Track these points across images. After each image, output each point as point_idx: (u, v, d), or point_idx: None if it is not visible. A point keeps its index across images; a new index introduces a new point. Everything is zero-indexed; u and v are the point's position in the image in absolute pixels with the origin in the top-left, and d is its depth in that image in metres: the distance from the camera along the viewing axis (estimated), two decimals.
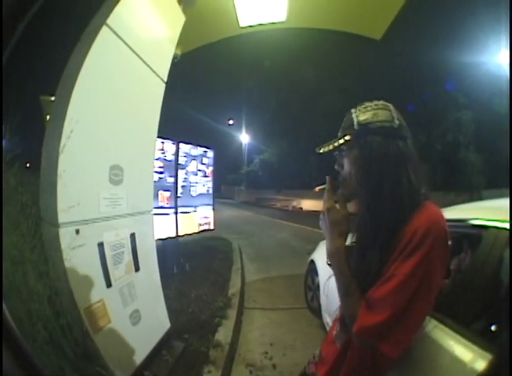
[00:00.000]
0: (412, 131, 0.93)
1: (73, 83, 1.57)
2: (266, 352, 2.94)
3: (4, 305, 0.72)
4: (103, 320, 1.73)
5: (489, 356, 0.92)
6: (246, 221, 13.74)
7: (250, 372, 2.62)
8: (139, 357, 2.04)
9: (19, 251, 1.51)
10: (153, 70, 2.26)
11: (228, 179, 31.61)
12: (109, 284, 1.79)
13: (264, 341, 3.17)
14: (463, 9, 14.20)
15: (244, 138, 30.47)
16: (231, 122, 31.54)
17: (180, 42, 2.65)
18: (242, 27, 3.68)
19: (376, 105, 0.93)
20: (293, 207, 19.97)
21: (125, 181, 1.98)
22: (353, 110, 0.96)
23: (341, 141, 0.94)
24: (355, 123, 0.93)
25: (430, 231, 0.76)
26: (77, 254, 1.57)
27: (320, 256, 3.65)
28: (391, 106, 0.93)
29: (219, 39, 4.02)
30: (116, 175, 1.89)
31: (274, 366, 2.74)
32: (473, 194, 13.37)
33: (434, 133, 15.08)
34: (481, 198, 12.38)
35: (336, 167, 1.02)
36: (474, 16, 13.27)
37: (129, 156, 2.04)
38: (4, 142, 1.79)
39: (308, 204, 19.17)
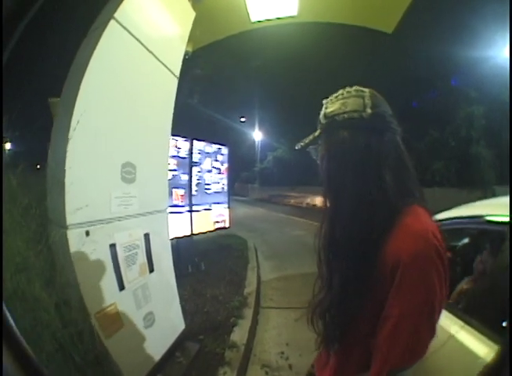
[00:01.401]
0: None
1: (80, 78, 1.51)
2: (282, 353, 2.88)
3: (4, 306, 0.69)
4: (116, 325, 1.67)
5: None
6: (260, 218, 13.66)
7: (266, 373, 2.57)
8: (153, 360, 1.99)
9: (23, 255, 1.45)
10: (164, 65, 2.19)
11: (241, 177, 31.52)
12: (121, 287, 1.73)
13: (280, 341, 3.11)
14: (470, 3, 13.75)
15: (257, 135, 30.24)
16: (243, 119, 31.42)
17: (191, 39, 2.60)
18: (253, 22, 3.61)
19: (348, 92, 0.81)
20: (307, 204, 19.74)
21: (138, 179, 1.91)
22: (324, 101, 0.86)
23: (311, 137, 0.86)
24: (322, 116, 0.83)
25: (418, 253, 0.65)
26: (87, 257, 1.51)
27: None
28: (366, 92, 0.80)
29: (230, 35, 3.96)
30: (128, 173, 1.83)
31: (290, 366, 2.68)
32: (486, 191, 13.00)
33: (447, 129, 14.67)
34: (494, 194, 12.05)
35: (318, 161, 0.91)
36: (482, 11, 12.86)
37: (142, 153, 1.97)
38: (12, 143, 1.75)
39: (321, 201, 18.91)
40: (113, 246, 1.67)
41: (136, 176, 1.90)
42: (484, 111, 13.96)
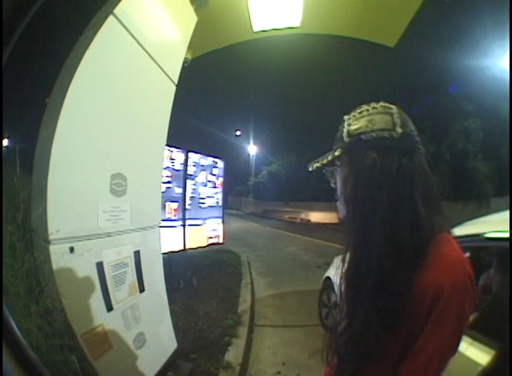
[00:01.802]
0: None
1: (71, 77, 1.41)
2: (279, 373, 2.78)
3: (4, 306, 0.72)
4: (104, 346, 1.55)
5: None
6: (253, 233, 13.52)
7: None
8: None
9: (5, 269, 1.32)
10: (163, 70, 2.11)
11: (235, 190, 31.50)
12: (109, 308, 1.60)
13: (276, 360, 3.00)
14: (468, 13, 14.17)
15: (252, 149, 30.45)
16: (238, 133, 31.65)
17: (191, 46, 2.54)
18: (255, 32, 3.60)
19: (373, 108, 0.74)
20: (302, 219, 19.68)
21: (129, 192, 1.79)
22: (346, 117, 0.78)
23: (330, 157, 0.78)
24: (345, 134, 0.75)
25: (459, 285, 0.62)
26: (72, 276, 1.39)
27: (337, 273, 3.45)
28: (394, 109, 0.74)
29: (231, 44, 3.94)
30: (118, 185, 1.70)
31: None
32: (481, 203, 13.10)
33: (444, 142, 14.83)
34: (489, 207, 12.11)
35: (332, 185, 0.86)
36: (480, 20, 13.22)
37: (134, 163, 1.86)
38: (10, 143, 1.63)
39: (316, 217, 18.91)
40: (100, 264, 1.55)
41: (127, 189, 1.78)
42: (481, 124, 14.12)
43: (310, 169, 0.85)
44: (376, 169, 0.69)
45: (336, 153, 0.76)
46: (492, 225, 1.40)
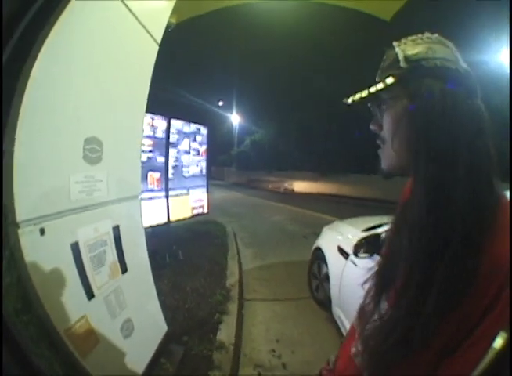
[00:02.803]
0: None
1: (44, 32, 1.08)
2: (273, 350, 2.70)
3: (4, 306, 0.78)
4: (90, 341, 1.35)
5: None
6: (237, 203, 13.39)
7: (259, 374, 2.40)
8: (137, 370, 1.71)
9: None
10: (145, 28, 1.79)
11: (218, 160, 31.02)
12: (90, 295, 1.37)
13: (269, 337, 2.92)
14: (464, 7, 13.77)
15: (235, 119, 29.72)
16: (221, 103, 30.73)
17: (176, 9, 2.19)
18: None
19: (428, 38, 0.62)
20: (285, 188, 19.67)
21: (105, 158, 1.51)
22: (396, 43, 0.65)
23: (381, 85, 0.62)
24: (401, 58, 0.60)
25: None
26: (45, 262, 1.14)
27: (328, 244, 3.36)
28: (450, 44, 0.62)
29: (220, 7, 3.55)
30: (92, 151, 1.42)
31: (284, 365, 2.52)
32: None
33: None
34: None
35: (371, 126, 0.70)
36: (476, 15, 12.89)
37: (111, 127, 1.58)
38: None
39: (299, 186, 18.96)
40: (75, 245, 1.29)
41: (103, 155, 1.50)
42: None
43: (349, 101, 0.69)
44: (449, 105, 0.55)
45: (388, 81, 0.60)
46: None
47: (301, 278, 4.04)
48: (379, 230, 2.41)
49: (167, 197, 4.27)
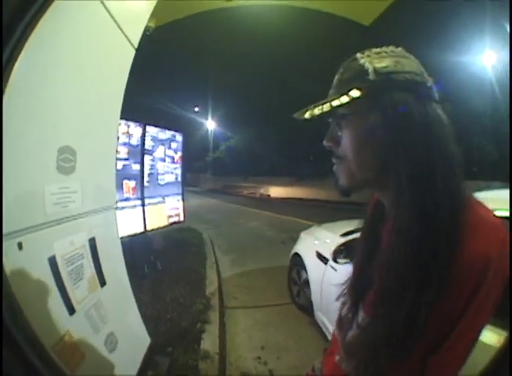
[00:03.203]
0: None
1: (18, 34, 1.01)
2: (259, 358, 2.69)
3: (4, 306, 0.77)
4: (76, 356, 1.28)
5: None
6: (214, 209, 13.33)
7: None
8: None
9: None
10: (122, 31, 1.73)
11: (193, 167, 30.78)
12: (71, 310, 1.31)
13: (253, 344, 2.90)
14: (447, 8, 14.33)
15: (210, 124, 29.72)
16: (196, 109, 30.60)
17: (155, 13, 2.15)
18: (228, 0, 3.26)
19: (392, 51, 0.61)
20: (261, 194, 19.76)
21: (79, 168, 1.44)
22: (359, 55, 0.63)
23: (345, 99, 0.59)
24: (371, 71, 0.59)
25: (503, 258, 0.52)
26: (26, 278, 1.08)
27: (307, 249, 3.40)
28: (413, 57, 0.63)
29: (199, 11, 3.55)
30: (66, 161, 1.35)
31: (271, 372, 2.52)
32: None
33: None
34: None
35: (325, 142, 0.69)
36: (458, 16, 13.39)
37: (84, 135, 1.51)
38: None
39: (275, 191, 19.09)
40: (52, 259, 1.23)
41: (76, 165, 1.43)
42: (451, 109, 14.82)
43: (306, 116, 0.66)
44: (422, 117, 0.56)
45: (354, 94, 0.58)
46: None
47: (281, 284, 4.05)
48: (357, 235, 2.46)
49: (143, 205, 4.16)
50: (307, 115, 0.65)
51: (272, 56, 21.64)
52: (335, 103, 0.60)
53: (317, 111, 0.63)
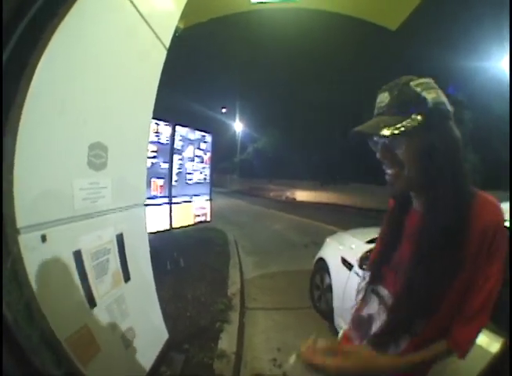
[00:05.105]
0: None
1: (50, 32, 1.05)
2: (275, 359, 2.66)
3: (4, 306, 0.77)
4: (91, 349, 1.32)
5: None
6: (239, 211, 13.35)
7: None
8: None
9: None
10: (154, 32, 1.77)
11: (220, 168, 31.10)
12: (92, 304, 1.35)
13: (270, 346, 2.87)
14: (469, 14, 13.89)
15: (238, 126, 29.83)
16: (224, 110, 30.89)
17: (184, 14, 2.19)
18: (253, 3, 3.31)
19: (431, 83, 0.79)
20: (287, 197, 19.65)
21: (110, 164, 1.48)
22: (412, 83, 0.77)
23: (412, 122, 0.73)
24: (430, 101, 0.74)
25: (503, 225, 0.75)
26: (46, 270, 1.11)
27: (332, 255, 3.34)
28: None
29: (226, 14, 3.60)
30: (97, 157, 1.39)
31: (285, 374, 2.42)
32: None
33: None
34: None
35: (381, 156, 0.82)
36: (480, 22, 13.01)
37: (116, 132, 1.55)
38: None
39: (301, 195, 18.94)
40: (77, 253, 1.27)
41: (108, 161, 1.47)
42: (472, 116, 14.19)
43: (384, 133, 0.75)
44: (456, 140, 0.78)
45: (419, 119, 0.74)
46: None
47: (303, 287, 4.00)
48: None
49: (170, 203, 4.25)
50: (385, 132, 0.74)
51: (299, 59, 21.57)
52: (406, 124, 0.73)
53: (387, 132, 0.73)
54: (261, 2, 3.32)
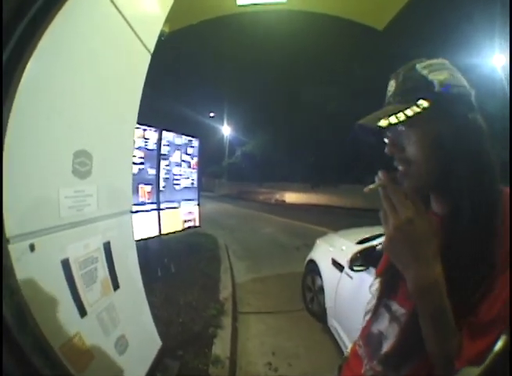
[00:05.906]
0: None
1: (34, 37, 1.03)
2: (270, 364, 2.66)
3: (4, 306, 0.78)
4: (85, 357, 1.30)
5: None
6: (229, 215, 13.33)
7: None
8: None
9: None
10: (137, 36, 1.75)
11: (208, 172, 30.98)
12: (83, 313, 1.33)
13: (264, 350, 2.88)
14: (458, 11, 14.19)
15: (226, 130, 29.83)
16: (212, 115, 30.84)
17: (169, 18, 2.17)
18: (239, 6, 3.32)
19: (443, 64, 0.68)
20: (276, 200, 19.71)
21: (95, 172, 1.46)
22: (418, 66, 0.68)
23: (416, 109, 0.63)
24: (437, 83, 0.64)
25: None
26: (37, 279, 1.09)
27: (322, 256, 3.36)
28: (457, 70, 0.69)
29: (212, 17, 3.61)
30: (82, 165, 1.37)
31: None
32: None
33: None
34: None
35: (389, 149, 0.72)
36: (470, 19, 13.28)
37: (100, 139, 1.53)
38: None
39: (290, 197, 19.01)
40: (65, 262, 1.25)
41: (92, 168, 1.45)
42: None
43: (382, 124, 0.65)
44: (478, 127, 0.65)
45: (425, 104, 0.62)
46: None
47: (295, 290, 4.01)
48: (374, 242, 2.42)
49: (158, 209, 4.21)
50: (382, 123, 0.65)
51: (284, 63, 21.69)
52: (409, 112, 0.62)
53: (393, 120, 0.64)
54: (247, 5, 3.34)
